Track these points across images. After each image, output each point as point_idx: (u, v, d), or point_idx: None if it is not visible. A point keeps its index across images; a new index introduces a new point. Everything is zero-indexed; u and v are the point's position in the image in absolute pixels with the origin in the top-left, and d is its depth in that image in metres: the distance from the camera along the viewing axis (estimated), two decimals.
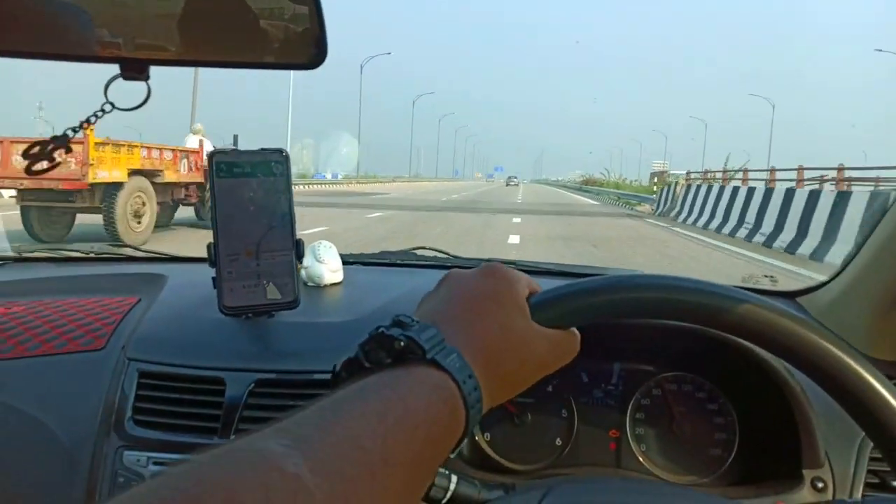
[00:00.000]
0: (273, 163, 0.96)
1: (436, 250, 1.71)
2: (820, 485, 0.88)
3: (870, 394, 0.57)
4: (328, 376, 0.97)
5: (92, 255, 1.61)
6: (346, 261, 1.47)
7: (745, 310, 0.59)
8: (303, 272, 1.28)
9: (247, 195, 0.94)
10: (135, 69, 0.67)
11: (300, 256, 0.98)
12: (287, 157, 0.97)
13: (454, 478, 0.75)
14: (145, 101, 0.79)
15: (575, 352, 0.61)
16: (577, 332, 0.61)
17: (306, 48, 0.69)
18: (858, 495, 0.88)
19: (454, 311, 0.54)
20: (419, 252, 1.68)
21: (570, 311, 0.60)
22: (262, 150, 0.96)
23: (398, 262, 1.60)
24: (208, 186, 0.94)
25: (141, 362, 1.03)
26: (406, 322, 0.49)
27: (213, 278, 0.96)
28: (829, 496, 0.88)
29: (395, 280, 1.37)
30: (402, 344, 0.47)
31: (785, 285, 1.40)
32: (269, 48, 0.70)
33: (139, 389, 1.00)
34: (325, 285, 1.27)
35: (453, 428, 0.47)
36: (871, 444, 0.88)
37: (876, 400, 0.57)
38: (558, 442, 1.02)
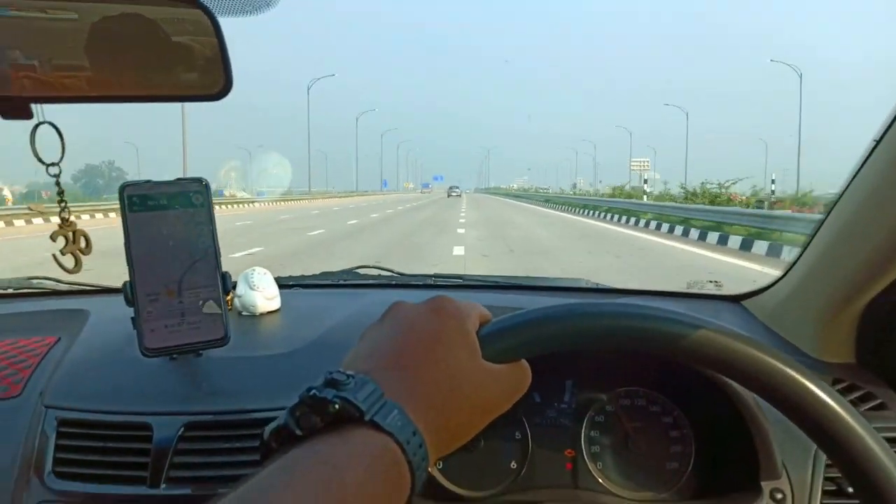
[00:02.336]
0: (192, 193, 0.89)
1: (379, 268, 1.66)
2: (779, 496, 0.87)
3: (817, 407, 0.56)
4: (264, 415, 0.92)
5: (10, 290, 1.50)
6: (285, 284, 1.41)
7: (697, 335, 0.57)
8: (236, 301, 1.21)
9: (164, 229, 0.88)
10: (16, 109, 0.61)
11: (227, 290, 0.92)
12: (207, 186, 0.90)
13: None
14: (63, 148, 0.74)
15: (525, 386, 0.57)
16: (526, 364, 0.57)
17: (211, 79, 0.64)
18: None
19: (398, 356, 0.49)
20: (361, 271, 1.62)
21: (521, 344, 0.57)
22: (179, 180, 0.89)
23: (340, 282, 1.54)
24: (121, 222, 0.87)
25: (60, 409, 0.95)
26: (340, 380, 0.44)
27: (133, 318, 0.89)
28: None
29: (335, 303, 1.32)
30: (337, 406, 0.42)
31: (730, 289, 1.40)
32: (169, 79, 0.65)
33: (59, 439, 0.92)
34: (261, 314, 1.20)
35: (398, 495, 0.42)
36: None
37: (824, 413, 0.55)
38: (513, 465, 0.99)
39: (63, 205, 0.76)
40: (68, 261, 0.76)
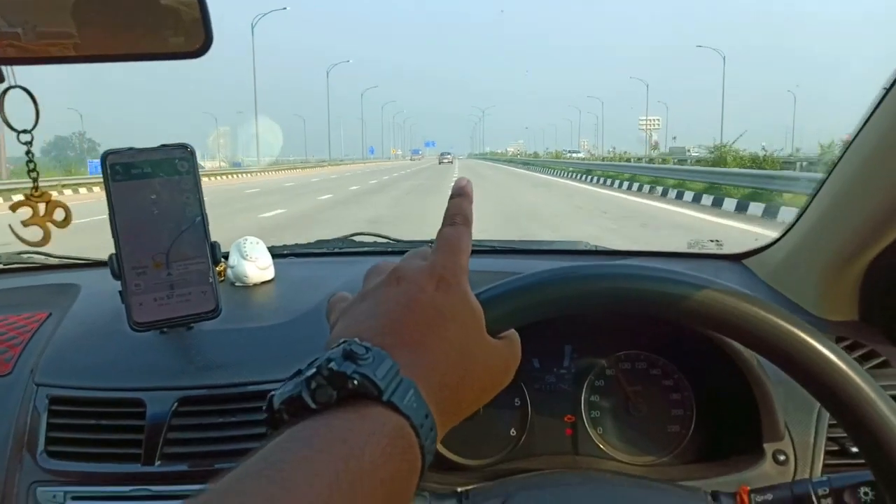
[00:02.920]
0: (177, 160, 0.86)
1: (375, 235, 1.63)
2: (781, 457, 0.86)
3: (824, 366, 0.54)
4: (259, 388, 0.91)
5: (0, 265, 1.48)
6: (279, 253, 1.38)
7: (697, 295, 0.55)
8: (229, 272, 1.19)
9: (149, 198, 0.85)
10: None
11: (217, 260, 0.89)
12: (193, 153, 0.88)
13: None
14: (37, 115, 0.72)
15: (518, 357, 0.55)
16: (517, 335, 0.55)
17: (190, 35, 0.61)
18: (820, 465, 0.86)
19: (409, 332, 0.47)
20: (357, 238, 1.60)
21: (518, 311, 0.55)
22: (163, 146, 0.86)
23: (335, 251, 1.52)
24: (104, 191, 0.84)
25: (50, 387, 0.94)
26: (358, 353, 0.42)
27: (120, 292, 0.87)
28: (791, 469, 0.85)
29: (330, 272, 1.29)
30: (356, 383, 0.40)
31: (731, 248, 1.38)
32: (149, 38, 0.63)
33: (51, 417, 0.91)
34: (254, 284, 1.18)
35: (410, 478, 0.41)
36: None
37: (828, 370, 0.54)
38: (513, 433, 0.98)
39: (35, 175, 0.73)
40: (33, 233, 0.73)
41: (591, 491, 0.79)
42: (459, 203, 0.55)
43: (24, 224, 0.73)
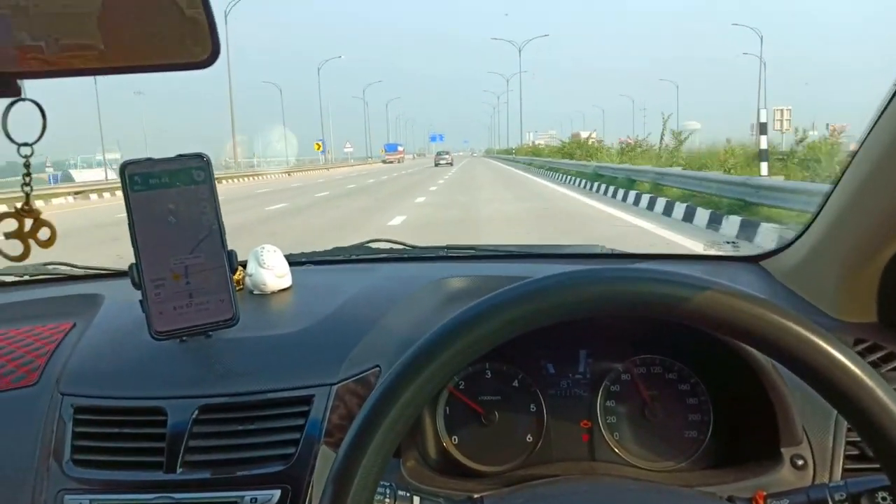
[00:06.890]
0: (193, 169, 0.88)
1: (391, 241, 1.64)
2: (800, 462, 0.85)
3: (835, 370, 0.54)
4: (278, 395, 0.92)
5: (27, 277, 1.51)
6: (296, 261, 1.40)
7: (696, 296, 0.55)
8: (247, 280, 1.20)
9: (167, 208, 0.87)
10: (2, 85, 0.60)
11: (234, 268, 0.91)
12: (208, 162, 0.89)
13: (416, 499, 0.70)
14: (44, 128, 0.72)
15: None
16: None
17: (196, 46, 0.62)
18: (839, 469, 0.85)
19: None
20: (374, 245, 1.61)
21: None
22: (180, 156, 0.88)
23: (352, 257, 1.53)
24: (123, 202, 0.86)
25: (75, 396, 0.96)
26: None
27: (141, 301, 0.89)
28: (810, 474, 0.85)
29: (347, 279, 1.31)
30: None
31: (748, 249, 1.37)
32: (156, 49, 0.64)
33: (76, 426, 0.93)
34: (272, 292, 1.20)
35: None
36: None
37: (842, 376, 0.54)
38: (529, 439, 0.98)
39: (28, 189, 0.73)
40: (13, 247, 0.72)
41: (607, 497, 0.79)
42: None
43: (6, 236, 0.73)
